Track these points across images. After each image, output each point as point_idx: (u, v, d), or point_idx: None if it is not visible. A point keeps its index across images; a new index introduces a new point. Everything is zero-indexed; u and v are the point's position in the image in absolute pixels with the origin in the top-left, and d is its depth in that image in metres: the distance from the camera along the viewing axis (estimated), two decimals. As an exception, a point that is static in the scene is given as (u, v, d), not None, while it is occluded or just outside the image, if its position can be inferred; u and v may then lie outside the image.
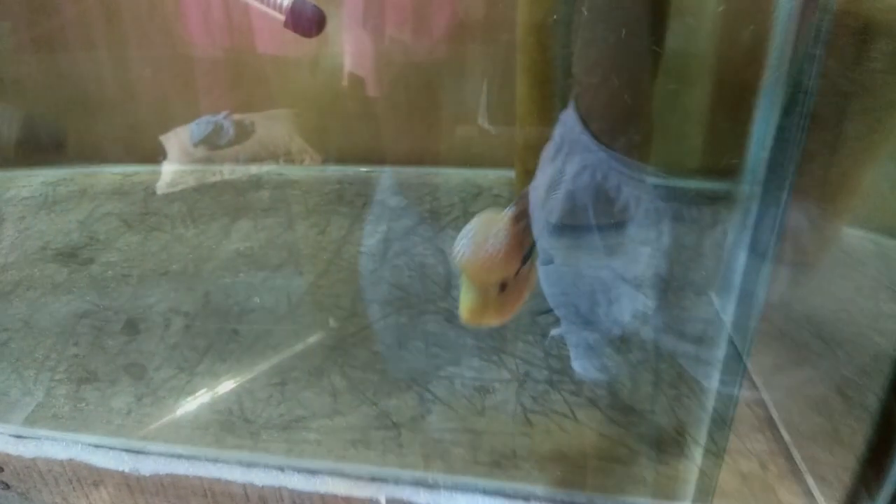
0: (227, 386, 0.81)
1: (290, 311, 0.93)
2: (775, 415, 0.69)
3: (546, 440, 0.70)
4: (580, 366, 0.79)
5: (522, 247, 0.55)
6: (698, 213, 0.97)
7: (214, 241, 1.10)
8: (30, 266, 1.07)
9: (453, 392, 0.77)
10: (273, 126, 1.33)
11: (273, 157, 1.31)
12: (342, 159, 1.29)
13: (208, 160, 1.31)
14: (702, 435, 0.69)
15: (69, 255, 1.09)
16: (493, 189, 1.16)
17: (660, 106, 0.92)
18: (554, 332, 0.84)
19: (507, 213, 0.55)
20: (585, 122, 0.91)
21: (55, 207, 1.24)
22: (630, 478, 0.66)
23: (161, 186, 1.29)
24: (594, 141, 0.91)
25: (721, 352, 0.78)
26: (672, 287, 0.86)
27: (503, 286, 0.54)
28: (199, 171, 1.30)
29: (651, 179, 0.95)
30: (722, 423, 0.69)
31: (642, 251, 0.91)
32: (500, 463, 0.68)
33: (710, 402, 0.72)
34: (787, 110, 0.72)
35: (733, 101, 1.01)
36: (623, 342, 0.81)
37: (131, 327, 0.91)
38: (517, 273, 0.54)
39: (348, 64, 1.19)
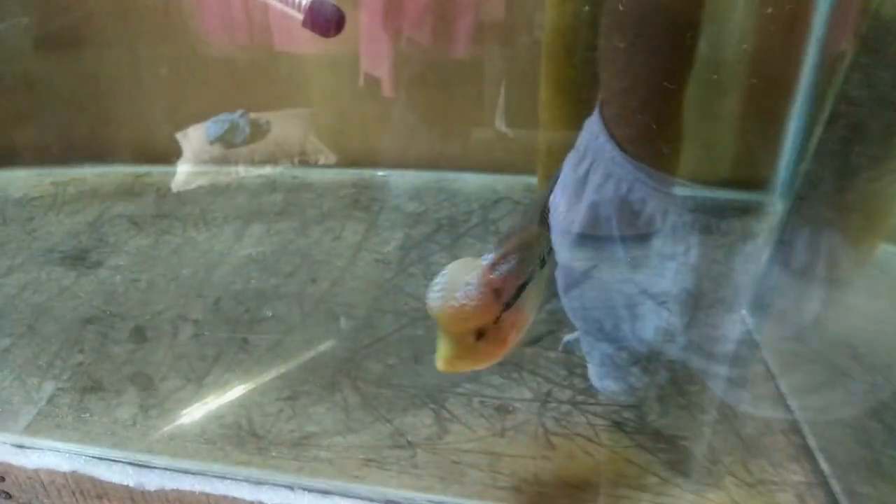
0: (235, 398, 0.79)
1: (302, 320, 0.90)
2: (812, 443, 0.66)
3: (569, 465, 0.67)
4: (601, 383, 0.76)
5: (501, 294, 0.52)
6: (729, 226, 0.94)
7: (226, 245, 1.07)
8: (36, 269, 1.05)
9: (471, 411, 0.74)
10: (289, 125, 1.31)
11: (288, 156, 1.30)
12: (358, 162, 1.27)
13: (224, 159, 1.29)
14: (734, 462, 0.65)
15: (77, 258, 1.07)
16: (513, 195, 1.13)
17: (690, 114, 0.89)
18: (568, 337, 0.81)
19: (483, 261, 0.53)
20: (611, 129, 0.88)
21: (64, 208, 1.22)
22: (659, 508, 0.62)
23: (177, 184, 1.27)
24: (619, 150, 0.88)
25: (753, 373, 0.75)
26: (701, 304, 0.83)
27: (480, 334, 0.51)
28: (214, 171, 1.28)
29: (679, 191, 0.92)
30: (755, 450, 0.66)
31: (668, 266, 0.88)
32: (521, 488, 0.65)
33: (743, 428, 0.68)
34: (831, 121, 0.69)
35: (767, 109, 0.98)
36: (649, 360, 0.77)
37: (138, 335, 0.89)
38: (498, 319, 0.52)
39: (365, 65, 1.17)
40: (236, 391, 0.80)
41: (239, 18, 1.21)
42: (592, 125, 0.90)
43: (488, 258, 0.53)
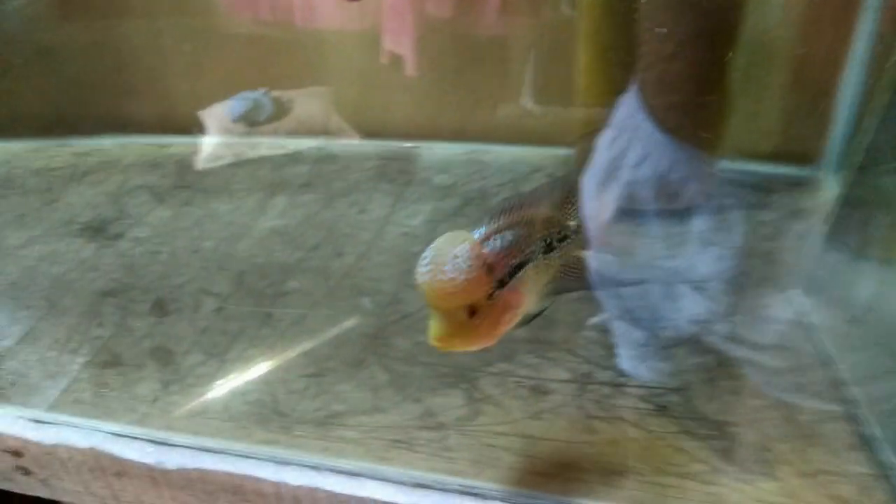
0: (259, 375, 0.76)
1: (327, 294, 0.87)
2: (877, 433, 0.62)
3: (610, 450, 0.63)
4: (632, 368, 0.72)
5: (494, 270, 0.50)
6: (777, 203, 0.90)
7: (249, 217, 1.05)
8: (56, 240, 1.03)
9: (505, 391, 0.70)
10: (312, 103, 1.29)
11: (311, 134, 1.28)
12: (384, 133, 1.24)
13: (247, 136, 1.27)
14: (789, 451, 0.61)
15: (97, 230, 1.05)
16: (546, 168, 1.09)
17: (734, 84, 0.84)
18: (594, 319, 0.78)
19: (474, 235, 0.50)
20: (650, 102, 0.84)
21: (84, 179, 1.20)
22: (708, 498, 0.58)
23: (202, 160, 1.25)
24: (658, 127, 0.83)
25: (810, 358, 0.70)
26: (748, 284, 0.79)
27: (473, 311, 0.49)
28: (240, 145, 1.26)
29: (722, 166, 0.88)
30: (813, 438, 0.62)
31: (709, 251, 0.84)
32: (559, 474, 0.62)
33: (799, 415, 0.64)
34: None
35: (817, 79, 0.93)
36: (692, 344, 0.73)
37: (159, 308, 0.87)
38: (491, 296, 0.50)
39: (388, 41, 1.14)
40: (260, 367, 0.77)
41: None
42: (628, 102, 0.86)
43: (480, 232, 0.51)
